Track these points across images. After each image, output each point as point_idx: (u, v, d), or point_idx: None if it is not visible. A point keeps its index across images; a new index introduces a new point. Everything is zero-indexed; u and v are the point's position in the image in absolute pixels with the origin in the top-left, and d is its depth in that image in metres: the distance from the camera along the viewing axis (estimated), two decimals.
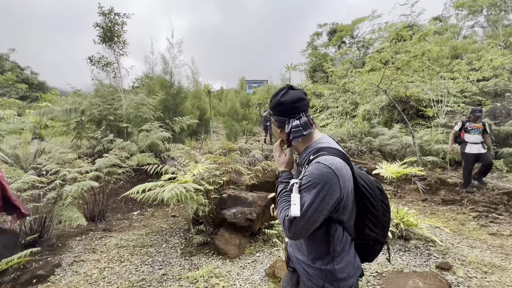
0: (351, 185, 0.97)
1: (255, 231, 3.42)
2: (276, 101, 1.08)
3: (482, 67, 8.03)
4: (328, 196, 0.89)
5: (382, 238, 1.07)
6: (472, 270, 2.61)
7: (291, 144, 1.10)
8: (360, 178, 1.03)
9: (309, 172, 0.93)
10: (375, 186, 1.06)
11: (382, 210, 1.05)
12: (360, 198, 1.02)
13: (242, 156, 6.15)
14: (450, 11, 22.71)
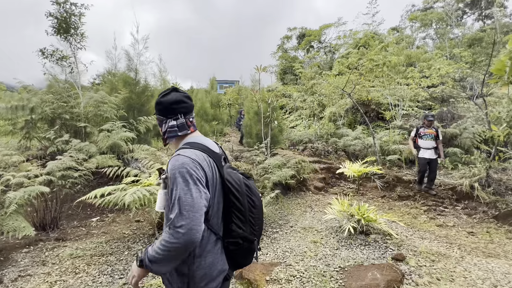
0: (216, 180, 1.01)
1: None
2: (157, 100, 1.14)
3: (431, 75, 8.91)
4: (195, 179, 0.91)
5: (251, 235, 1.05)
6: (422, 259, 2.86)
7: (166, 143, 1.15)
8: (228, 175, 1.05)
9: (170, 166, 0.95)
10: (242, 182, 1.07)
11: (249, 206, 1.06)
12: (227, 194, 1.03)
13: None
14: (406, 23, 24.87)
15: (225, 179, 1.04)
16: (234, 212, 1.03)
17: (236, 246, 1.03)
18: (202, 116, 8.33)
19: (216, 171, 1.03)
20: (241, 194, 1.04)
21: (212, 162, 1.02)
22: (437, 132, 5.15)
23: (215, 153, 1.07)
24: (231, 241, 1.03)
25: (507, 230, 3.78)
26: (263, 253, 3.12)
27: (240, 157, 6.64)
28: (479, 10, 22.98)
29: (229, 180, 1.04)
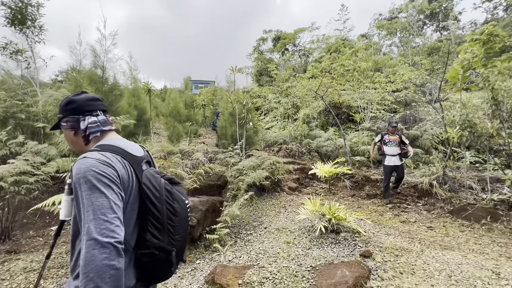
0: (132, 184, 0.94)
1: (195, 237, 3.29)
2: (67, 99, 1.05)
3: (396, 80, 9.53)
4: (106, 180, 0.83)
5: (169, 245, 0.95)
6: (387, 255, 3.03)
7: (89, 141, 1.03)
8: (146, 179, 0.98)
9: (75, 169, 0.85)
10: (163, 187, 0.99)
11: (168, 213, 0.97)
12: (143, 200, 0.95)
13: (184, 159, 5.89)
14: (374, 30, 26.36)
15: (142, 183, 0.96)
16: (150, 219, 0.94)
17: (150, 258, 0.93)
18: (175, 117, 8.09)
19: (132, 174, 0.95)
20: (160, 200, 0.96)
21: (128, 165, 0.94)
22: (400, 139, 5.21)
23: (132, 156, 0.99)
24: (144, 253, 0.93)
25: (460, 223, 4.14)
26: (237, 256, 3.09)
27: (214, 158, 6.54)
28: (437, 22, 25.08)
29: (147, 185, 0.96)
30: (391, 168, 5.16)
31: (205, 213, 3.42)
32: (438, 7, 24.75)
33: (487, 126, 4.99)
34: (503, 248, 3.31)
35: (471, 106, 7.60)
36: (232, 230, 3.89)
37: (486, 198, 4.49)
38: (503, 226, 3.86)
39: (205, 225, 3.52)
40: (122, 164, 0.92)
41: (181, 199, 1.04)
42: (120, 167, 0.91)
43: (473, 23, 23.32)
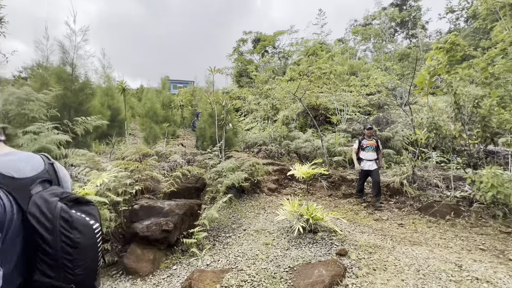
0: (11, 216, 0.76)
1: (172, 242, 3.19)
2: None
3: (369, 84, 9.97)
4: None
5: (68, 282, 0.81)
6: (362, 252, 3.14)
7: None
8: (35, 206, 0.81)
9: None
10: (57, 216, 0.81)
11: (63, 246, 0.80)
12: (29, 233, 0.79)
13: (161, 161, 5.71)
14: (350, 35, 27.39)
15: (27, 213, 0.79)
16: (40, 256, 0.79)
17: None
18: (152, 117, 7.82)
19: (10, 204, 0.76)
20: (51, 232, 0.79)
21: (3, 193, 0.76)
22: (377, 143, 5.24)
23: (11, 179, 0.80)
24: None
25: (427, 220, 4.40)
26: (215, 260, 3.04)
27: (193, 160, 6.41)
28: (407, 30, 26.65)
29: (34, 214, 0.79)
30: (366, 172, 5.23)
31: (182, 217, 3.33)
32: (407, 16, 26.32)
33: (451, 128, 5.37)
34: (464, 242, 3.57)
35: (437, 109, 8.15)
36: (211, 234, 3.83)
37: (450, 195, 4.82)
38: (465, 221, 4.17)
39: (182, 229, 3.43)
40: None
41: (85, 224, 0.86)
42: None
43: (439, 32, 25.08)
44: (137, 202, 3.33)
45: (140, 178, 3.96)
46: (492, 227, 3.90)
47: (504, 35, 4.04)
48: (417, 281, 2.49)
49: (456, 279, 2.47)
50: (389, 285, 2.43)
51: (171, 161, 5.90)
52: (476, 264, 2.79)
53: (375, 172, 5.15)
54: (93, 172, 3.22)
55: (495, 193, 4.01)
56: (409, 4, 27.77)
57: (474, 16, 5.35)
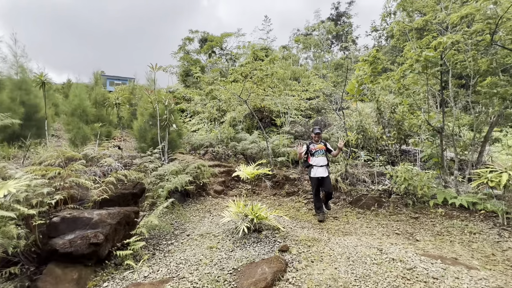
0: None
1: (103, 256, 2.84)
2: None
3: (309, 89, 10.79)
4: None
5: None
6: (302, 246, 3.34)
7: None
8: None
9: None
10: None
11: None
12: None
13: (92, 165, 5.06)
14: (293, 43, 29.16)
15: None
16: None
17: None
18: (81, 117, 6.85)
19: None
20: None
21: None
22: (326, 146, 4.83)
23: None
24: None
25: (357, 212, 4.96)
26: (154, 271, 2.82)
27: (130, 164, 5.86)
28: (341, 42, 29.80)
29: None
30: (318, 180, 4.65)
31: (116, 227, 3.00)
32: (341, 30, 29.46)
33: (375, 130, 6.19)
34: (385, 229, 4.14)
35: (364, 114, 9.30)
36: (150, 242, 3.55)
37: (374, 189, 5.54)
38: (385, 210, 4.84)
39: (116, 241, 3.09)
40: None
41: None
42: None
43: (366, 47, 28.80)
44: (57, 214, 2.86)
45: (63, 186, 3.42)
46: (404, 214, 4.62)
47: (411, 53, 4.87)
48: (348, 267, 2.77)
49: (377, 261, 2.83)
50: (325, 274, 2.64)
51: (104, 166, 5.28)
52: (393, 247, 3.26)
53: (327, 181, 4.64)
54: None
55: (407, 185, 4.77)
56: (342, 20, 31.13)
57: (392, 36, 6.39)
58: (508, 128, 10.31)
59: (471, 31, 4.17)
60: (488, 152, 7.22)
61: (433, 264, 2.76)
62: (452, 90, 5.56)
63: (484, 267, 2.84)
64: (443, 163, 5.31)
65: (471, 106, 5.59)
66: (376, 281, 2.48)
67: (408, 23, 6.00)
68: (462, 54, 5.08)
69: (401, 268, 2.67)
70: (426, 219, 4.37)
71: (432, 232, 3.89)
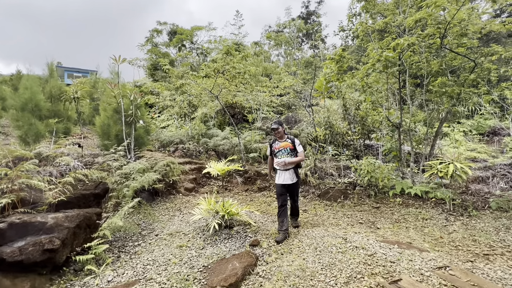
0: None
1: (60, 262, 2.63)
2: None
3: (279, 86, 10.96)
4: None
5: None
6: (272, 240, 3.41)
7: None
8: None
9: None
10: None
11: None
12: None
13: (47, 165, 4.64)
14: (265, 40, 29.23)
15: None
16: None
17: None
18: (33, 112, 6.19)
19: None
20: None
21: None
22: (293, 144, 3.62)
23: None
24: None
25: (325, 204, 5.19)
26: (119, 274, 2.69)
27: (92, 163, 5.48)
28: (311, 41, 30.58)
29: None
30: (283, 188, 3.60)
31: (74, 230, 2.79)
32: (311, 28, 30.21)
33: (341, 126, 6.50)
34: (349, 219, 4.39)
35: (332, 110, 9.71)
36: (115, 245, 3.37)
37: (341, 182, 5.83)
38: (350, 202, 5.12)
39: (75, 245, 2.88)
40: None
41: None
42: None
43: (334, 46, 29.90)
44: (4, 220, 2.58)
45: (11, 188, 3.09)
46: (367, 204, 4.94)
47: (373, 53, 5.17)
48: (315, 257, 2.89)
49: (342, 250, 3.00)
50: (294, 265, 2.73)
51: (61, 165, 4.88)
52: (356, 235, 3.47)
53: (294, 190, 3.74)
54: None
55: (369, 177, 5.09)
56: (312, 18, 31.92)
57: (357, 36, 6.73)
58: (456, 123, 11.51)
59: (424, 34, 4.54)
60: (439, 145, 7.98)
61: (390, 249, 2.99)
62: (409, 89, 6.02)
63: (434, 249, 3.15)
64: (401, 156, 5.76)
65: (425, 104, 6.11)
66: (340, 268, 2.62)
67: (371, 25, 6.35)
68: (417, 55, 5.51)
69: (363, 255, 2.86)
70: (386, 208, 4.72)
71: (391, 220, 4.22)
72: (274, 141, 3.80)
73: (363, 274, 2.50)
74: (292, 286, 2.38)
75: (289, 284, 2.41)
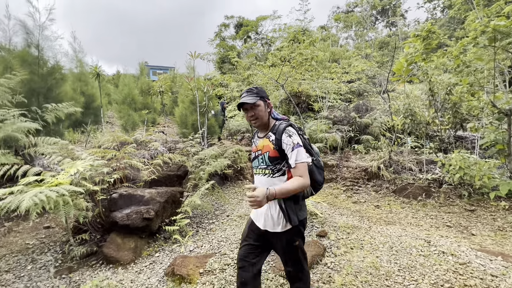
0: None
1: (154, 230, 3.15)
2: None
3: (350, 71, 10.13)
4: None
5: None
6: (340, 233, 3.28)
7: None
8: None
9: None
10: None
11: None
12: None
13: (140, 149, 5.54)
14: (332, 22, 27.37)
15: None
16: None
17: None
18: (130, 104, 7.49)
19: None
20: None
21: None
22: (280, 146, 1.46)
23: None
24: None
25: (401, 201, 4.66)
26: (198, 246, 3.05)
27: (174, 148, 6.28)
28: (387, 18, 27.05)
29: None
30: (253, 233, 1.62)
31: (164, 205, 3.29)
32: (388, 4, 26.63)
33: (425, 114, 5.63)
34: (433, 220, 3.83)
35: (413, 96, 8.47)
36: (194, 220, 3.82)
37: (422, 178, 5.11)
38: (434, 201, 4.46)
39: (164, 217, 3.39)
40: None
41: None
42: None
43: (417, 21, 25.70)
44: (116, 191, 3.23)
45: (119, 166, 3.83)
46: (458, 206, 4.20)
47: (476, 24, 4.21)
48: (390, 256, 2.65)
49: (425, 253, 2.66)
50: (365, 261, 2.58)
51: (151, 149, 5.74)
52: (443, 239, 3.02)
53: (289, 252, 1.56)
54: (66, 161, 3.06)
55: (462, 174, 4.30)
56: None
57: (450, 6, 5.54)
58: None
59: None
60: None
61: (492, 261, 2.49)
62: None
63: None
64: (510, 151, 4.64)
65: None
66: (423, 273, 2.34)
67: None
68: None
69: (452, 262, 2.47)
70: (484, 212, 3.93)
71: (492, 227, 3.50)
72: (254, 134, 1.75)
73: (452, 284, 2.17)
74: (364, 283, 2.26)
75: (361, 280, 2.29)
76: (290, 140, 1.44)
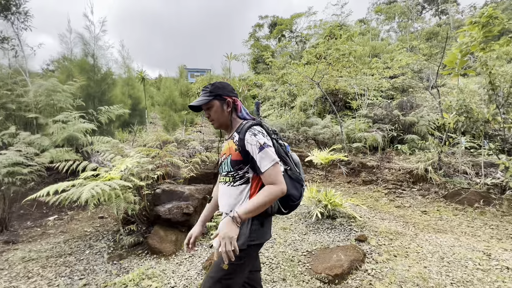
0: None
1: (193, 225, 3.29)
2: None
3: (393, 65, 9.42)
4: None
5: None
6: (382, 238, 3.08)
7: None
8: None
9: None
10: None
11: None
12: None
13: (180, 148, 5.86)
14: (372, 15, 25.82)
15: None
16: None
17: None
18: (171, 106, 7.98)
19: None
20: None
21: None
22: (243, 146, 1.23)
23: None
24: None
25: (453, 207, 4.21)
26: None
27: (211, 147, 6.51)
28: (436, 6, 24.61)
29: None
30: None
31: (202, 201, 3.42)
32: None
33: (483, 111, 4.99)
34: (494, 230, 3.38)
35: (468, 91, 7.57)
36: None
37: (480, 183, 4.55)
38: (495, 209, 3.93)
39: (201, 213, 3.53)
40: None
41: None
42: None
43: (473, 7, 22.89)
44: (159, 187, 3.46)
45: (161, 164, 4.09)
46: None
47: None
48: (441, 268, 2.41)
49: (484, 267, 2.36)
50: (411, 271, 2.38)
51: (190, 148, 6.03)
52: (506, 253, 2.65)
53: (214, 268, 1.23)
54: (117, 158, 3.37)
55: None
56: None
57: None
58: None
59: None
60: None
61: None
62: None
63: None
64: None
65: None
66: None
67: None
68: None
69: None
70: None
71: None
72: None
73: None
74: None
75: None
76: (255, 140, 1.21)
